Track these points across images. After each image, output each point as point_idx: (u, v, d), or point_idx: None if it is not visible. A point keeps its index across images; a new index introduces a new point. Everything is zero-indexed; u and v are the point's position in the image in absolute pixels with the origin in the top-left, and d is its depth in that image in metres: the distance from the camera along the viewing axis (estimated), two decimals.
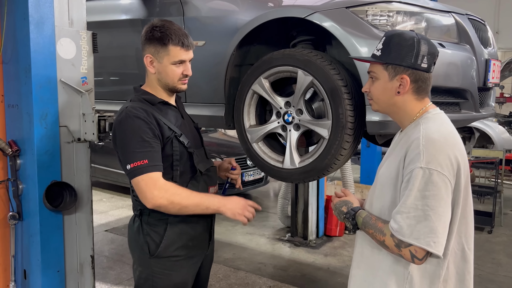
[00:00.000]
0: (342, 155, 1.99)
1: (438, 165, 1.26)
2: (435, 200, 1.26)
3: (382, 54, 1.39)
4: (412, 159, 1.29)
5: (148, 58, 1.73)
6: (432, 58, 1.37)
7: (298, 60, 2.03)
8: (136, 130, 1.62)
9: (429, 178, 1.26)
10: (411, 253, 1.28)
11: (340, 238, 4.97)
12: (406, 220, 1.28)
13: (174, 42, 1.68)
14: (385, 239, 1.34)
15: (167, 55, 1.70)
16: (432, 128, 1.33)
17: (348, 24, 1.94)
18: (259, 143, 2.26)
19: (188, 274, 1.78)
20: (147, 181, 1.59)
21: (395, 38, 1.38)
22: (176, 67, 1.72)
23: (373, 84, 1.44)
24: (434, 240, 1.26)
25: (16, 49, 1.97)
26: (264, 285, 3.76)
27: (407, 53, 1.35)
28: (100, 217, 5.62)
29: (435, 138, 1.30)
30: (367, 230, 1.42)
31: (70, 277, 2.11)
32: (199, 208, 1.65)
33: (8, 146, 2.00)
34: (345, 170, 5.14)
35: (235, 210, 1.70)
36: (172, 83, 1.75)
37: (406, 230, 1.27)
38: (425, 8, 2.04)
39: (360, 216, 1.46)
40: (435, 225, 1.26)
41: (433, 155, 1.27)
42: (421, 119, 1.38)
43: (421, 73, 1.36)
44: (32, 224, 2.00)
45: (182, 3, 2.53)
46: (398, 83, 1.38)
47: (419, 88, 1.38)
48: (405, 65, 1.35)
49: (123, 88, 2.99)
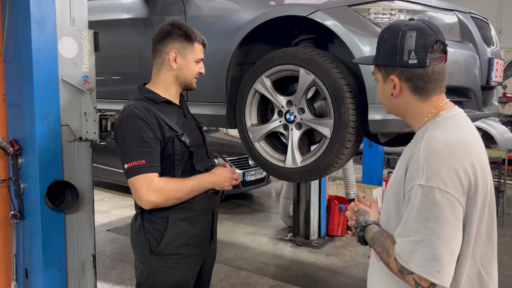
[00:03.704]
0: (344, 154, 1.98)
1: (441, 181, 1.08)
2: (438, 223, 1.08)
3: (376, 54, 1.26)
4: (412, 175, 1.13)
5: (173, 54, 1.74)
6: (424, 50, 1.17)
7: (300, 59, 2.02)
8: (136, 130, 1.62)
9: (430, 197, 1.08)
10: (415, 281, 1.12)
11: (342, 238, 4.96)
12: (406, 245, 1.12)
13: (199, 40, 1.78)
14: (390, 261, 1.17)
15: (192, 52, 1.76)
16: (437, 137, 1.14)
17: (350, 22, 1.93)
18: (261, 142, 2.25)
19: (189, 273, 1.78)
20: (142, 182, 1.60)
21: (383, 34, 1.24)
22: (196, 65, 1.80)
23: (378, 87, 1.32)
24: (437, 270, 1.08)
25: (17, 48, 1.97)
26: (266, 285, 3.75)
27: (392, 50, 1.20)
28: (102, 216, 5.63)
29: (438, 150, 1.11)
30: (375, 247, 1.25)
31: (72, 276, 2.11)
32: (192, 194, 1.72)
33: (10, 145, 2.00)
34: (347, 170, 5.14)
35: (223, 184, 1.80)
36: (191, 79, 1.81)
37: (407, 256, 1.11)
38: (428, 6, 2.03)
39: (371, 231, 1.28)
40: (439, 252, 1.08)
41: (434, 170, 1.09)
42: (430, 124, 1.21)
43: (413, 70, 1.19)
44: (34, 223, 2.00)
45: (184, 2, 2.52)
46: (392, 84, 1.23)
47: (416, 87, 1.21)
48: (392, 65, 1.21)
49: (124, 87, 2.99)
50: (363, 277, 3.95)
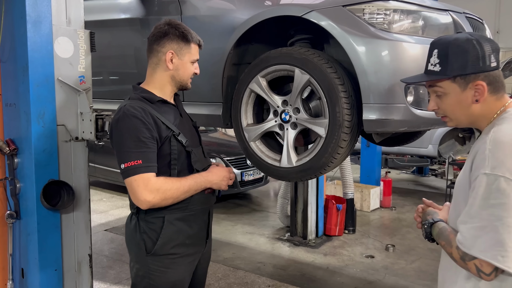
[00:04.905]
0: (339, 153, 1.99)
1: (507, 170, 1.14)
2: (502, 209, 1.13)
3: (443, 67, 1.29)
4: (478, 165, 1.20)
5: (170, 54, 1.73)
6: (497, 53, 1.28)
7: (295, 59, 2.02)
8: (132, 129, 1.62)
9: (495, 185, 1.14)
10: (476, 267, 1.18)
11: (339, 238, 4.97)
12: (470, 231, 1.18)
13: (195, 40, 1.78)
14: (452, 251, 1.25)
15: (189, 52, 1.76)
16: (504, 130, 1.21)
17: (345, 22, 1.94)
18: (257, 142, 2.25)
19: (185, 272, 1.78)
20: (139, 182, 1.60)
21: (452, 48, 1.28)
22: (192, 65, 1.80)
23: (441, 100, 1.34)
24: (502, 254, 1.13)
25: (13, 48, 1.97)
26: (263, 285, 3.76)
27: (474, 58, 1.26)
28: (100, 216, 5.62)
29: (505, 141, 1.18)
30: (440, 241, 1.33)
31: (68, 276, 2.12)
32: (189, 193, 1.71)
33: (6, 144, 2.00)
34: (345, 170, 5.15)
35: (220, 184, 1.80)
36: (186, 80, 1.81)
37: (470, 242, 1.18)
38: (422, 6, 2.04)
39: (437, 227, 1.36)
40: (503, 237, 1.13)
41: (500, 159, 1.15)
42: (496, 120, 1.28)
43: (493, 73, 1.27)
44: (30, 223, 2.01)
45: (180, 2, 2.53)
46: (473, 91, 1.28)
47: (495, 88, 1.28)
48: (475, 72, 1.26)
49: (121, 87, 3.00)
50: (360, 276, 3.96)
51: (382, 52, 1.90)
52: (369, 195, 6.08)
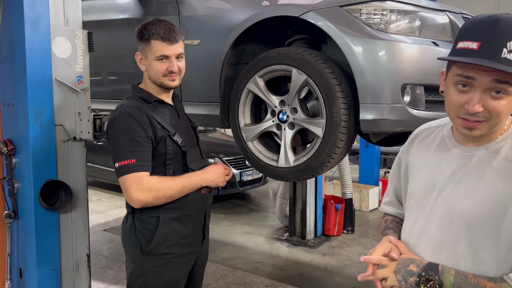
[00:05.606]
0: (336, 153, 1.99)
1: None
2: None
3: None
4: None
5: (138, 56, 1.77)
6: None
7: (293, 59, 2.03)
8: (127, 128, 1.63)
9: None
10: None
11: (338, 238, 4.97)
12: None
13: (155, 36, 1.69)
14: None
15: (150, 50, 1.72)
16: None
17: (342, 22, 1.94)
18: (254, 142, 2.26)
19: (180, 273, 1.78)
20: (132, 181, 1.61)
21: None
22: (161, 63, 1.72)
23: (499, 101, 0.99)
24: None
25: (11, 48, 1.97)
26: (261, 284, 3.76)
27: None
28: (99, 216, 5.63)
29: None
30: None
31: (66, 276, 2.12)
32: (184, 192, 1.70)
33: (4, 144, 2.00)
34: (344, 170, 5.15)
35: (216, 180, 1.80)
36: (158, 79, 1.75)
37: None
38: (419, 6, 2.04)
39: (449, 274, 1.04)
40: None
41: None
42: None
43: None
44: (28, 223, 2.01)
45: (177, 2, 2.53)
46: None
47: None
48: None
49: (119, 88, 3.00)
50: None
51: (379, 52, 1.90)
52: (367, 195, 6.09)
